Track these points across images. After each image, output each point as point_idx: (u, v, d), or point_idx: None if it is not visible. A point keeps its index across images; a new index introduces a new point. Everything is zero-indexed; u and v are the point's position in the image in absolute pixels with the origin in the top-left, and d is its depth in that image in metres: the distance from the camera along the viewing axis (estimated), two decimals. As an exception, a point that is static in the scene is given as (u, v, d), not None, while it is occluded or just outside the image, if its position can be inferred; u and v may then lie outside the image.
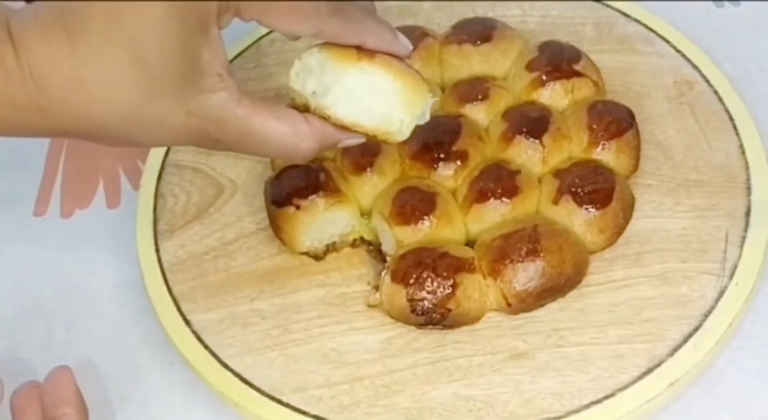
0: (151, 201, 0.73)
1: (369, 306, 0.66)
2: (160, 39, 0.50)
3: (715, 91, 0.74)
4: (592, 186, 0.67)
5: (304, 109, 0.57)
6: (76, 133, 0.54)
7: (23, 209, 0.79)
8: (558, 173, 0.69)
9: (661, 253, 0.66)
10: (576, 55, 0.74)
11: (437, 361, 0.63)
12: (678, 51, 0.77)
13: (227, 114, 0.54)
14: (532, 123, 0.70)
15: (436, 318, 0.64)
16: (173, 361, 0.67)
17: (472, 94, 0.73)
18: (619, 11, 0.80)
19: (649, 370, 0.61)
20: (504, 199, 0.67)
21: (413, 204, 0.67)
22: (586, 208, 0.66)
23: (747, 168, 0.70)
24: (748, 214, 0.68)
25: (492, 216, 0.67)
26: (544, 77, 0.73)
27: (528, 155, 0.70)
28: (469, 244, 0.67)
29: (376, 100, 0.56)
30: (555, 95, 0.73)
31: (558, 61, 0.74)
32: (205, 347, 0.65)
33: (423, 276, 0.64)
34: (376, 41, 0.57)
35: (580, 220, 0.66)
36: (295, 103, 0.57)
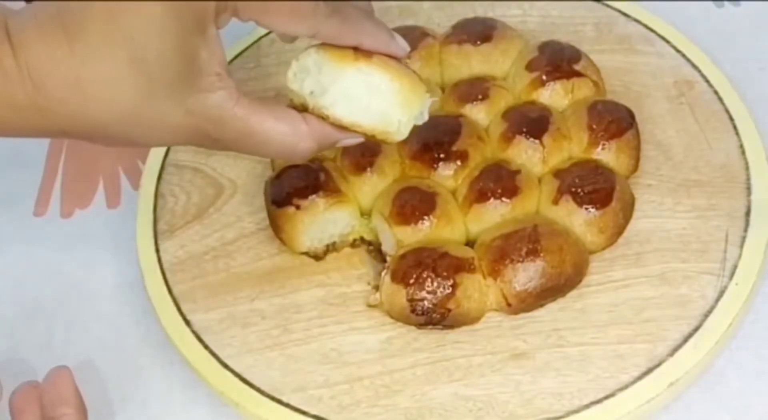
0: (151, 201, 0.73)
1: (369, 306, 0.66)
2: (159, 39, 0.51)
3: (715, 91, 0.74)
4: (592, 186, 0.67)
5: (302, 108, 0.57)
6: (74, 133, 0.54)
7: (23, 209, 0.79)
8: (558, 173, 0.69)
9: (661, 253, 0.66)
10: (576, 55, 0.74)
11: (437, 361, 0.63)
12: (678, 51, 0.77)
13: (226, 113, 0.54)
14: (532, 123, 0.70)
15: (436, 318, 0.64)
16: (173, 361, 0.67)
17: (472, 94, 0.73)
18: (619, 11, 0.80)
19: (649, 370, 0.61)
20: (504, 199, 0.67)
21: (413, 204, 0.67)
22: (586, 208, 0.66)
23: (747, 168, 0.70)
24: (748, 214, 0.67)
25: (492, 216, 0.67)
26: (544, 77, 0.73)
27: (528, 155, 0.70)
28: (469, 244, 0.67)
29: (373, 100, 0.56)
30: (555, 95, 0.73)
31: (558, 61, 0.73)
32: (205, 347, 0.65)
33: (423, 276, 0.64)
34: (373, 42, 0.57)
35: (580, 220, 0.66)
36: (293, 103, 0.57)
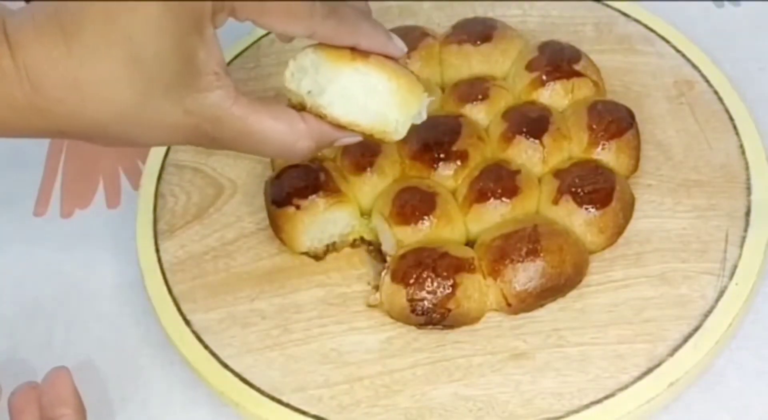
0: (151, 201, 0.73)
1: (369, 306, 0.66)
2: (156, 39, 0.51)
3: (715, 91, 0.74)
4: (592, 186, 0.67)
5: (300, 108, 0.57)
6: (73, 133, 0.54)
7: (23, 209, 0.79)
8: (558, 173, 0.69)
9: (661, 253, 0.66)
10: (576, 55, 0.74)
11: (437, 361, 0.63)
12: (678, 51, 0.77)
13: (224, 112, 0.54)
14: (532, 123, 0.70)
15: (436, 318, 0.64)
16: (173, 361, 0.67)
17: (472, 94, 0.73)
18: (619, 11, 0.80)
19: (649, 370, 0.61)
20: (504, 199, 0.67)
21: (413, 204, 0.67)
22: (586, 208, 0.66)
23: (747, 168, 0.70)
24: (748, 214, 0.67)
25: (492, 216, 0.67)
26: (544, 77, 0.73)
27: (528, 155, 0.70)
28: (469, 244, 0.67)
29: (371, 100, 0.56)
30: (555, 95, 0.73)
31: (558, 61, 0.73)
32: (205, 347, 0.65)
33: (423, 276, 0.64)
34: (370, 43, 0.57)
35: (580, 220, 0.66)
36: (291, 103, 0.57)
